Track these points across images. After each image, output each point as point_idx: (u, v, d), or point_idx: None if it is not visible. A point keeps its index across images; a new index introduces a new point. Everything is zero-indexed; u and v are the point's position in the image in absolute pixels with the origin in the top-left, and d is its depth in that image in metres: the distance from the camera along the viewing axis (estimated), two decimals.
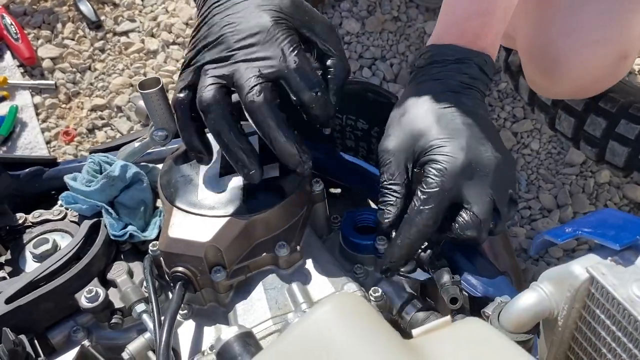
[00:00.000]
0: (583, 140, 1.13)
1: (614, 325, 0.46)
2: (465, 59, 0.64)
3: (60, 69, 1.54)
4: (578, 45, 0.84)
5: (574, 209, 1.32)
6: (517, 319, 0.51)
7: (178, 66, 1.55)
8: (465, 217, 0.59)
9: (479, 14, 0.66)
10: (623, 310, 0.45)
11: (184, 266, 0.62)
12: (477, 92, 0.64)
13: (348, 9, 1.60)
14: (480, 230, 0.59)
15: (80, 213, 0.70)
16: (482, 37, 0.66)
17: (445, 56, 0.65)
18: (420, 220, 0.59)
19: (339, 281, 0.64)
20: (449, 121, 0.61)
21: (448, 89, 0.63)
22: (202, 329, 0.64)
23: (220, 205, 0.64)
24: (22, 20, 1.61)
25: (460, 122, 0.61)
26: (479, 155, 0.60)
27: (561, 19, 0.86)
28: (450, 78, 0.64)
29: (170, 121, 0.70)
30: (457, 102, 0.62)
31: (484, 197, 0.59)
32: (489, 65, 0.65)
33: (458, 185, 0.59)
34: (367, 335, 0.39)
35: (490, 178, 0.59)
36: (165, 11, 1.65)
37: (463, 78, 0.64)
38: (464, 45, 0.65)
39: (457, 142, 0.59)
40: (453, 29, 0.66)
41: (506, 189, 0.61)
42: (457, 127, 0.60)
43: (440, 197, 0.58)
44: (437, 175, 0.58)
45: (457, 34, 0.66)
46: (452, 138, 0.60)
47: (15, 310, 0.60)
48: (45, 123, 1.46)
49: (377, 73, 1.52)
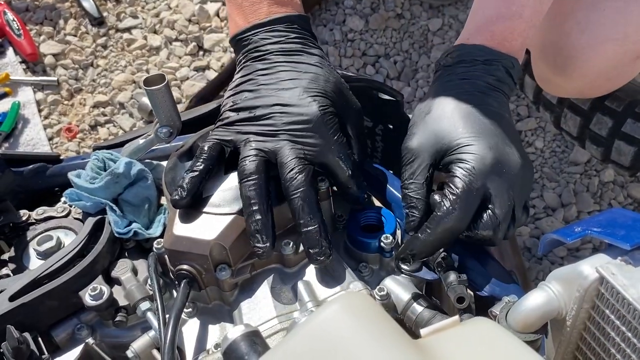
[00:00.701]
0: (589, 139, 1.12)
1: (624, 326, 0.45)
2: (493, 61, 0.64)
3: (63, 66, 1.54)
4: (594, 42, 0.83)
5: (578, 207, 1.32)
6: (525, 319, 0.51)
7: (181, 62, 1.55)
8: (485, 217, 0.58)
9: (508, 16, 0.65)
10: (633, 311, 0.44)
11: (189, 264, 0.61)
12: (502, 94, 0.64)
13: (352, 6, 1.60)
14: (497, 232, 0.58)
15: (84, 210, 0.70)
16: (511, 40, 0.65)
17: (474, 56, 0.64)
18: (448, 222, 0.58)
19: (344, 280, 0.64)
20: (476, 120, 0.61)
21: (475, 89, 0.63)
22: (207, 327, 0.64)
23: (226, 202, 0.63)
24: (25, 17, 1.60)
25: (488, 122, 0.61)
26: (506, 157, 0.59)
27: (577, 16, 0.85)
28: (478, 78, 0.63)
29: (175, 118, 0.70)
30: (484, 102, 0.62)
31: (506, 199, 0.58)
32: (515, 68, 0.65)
33: (485, 185, 0.58)
34: (377, 335, 0.39)
35: (515, 180, 0.59)
36: (167, 8, 1.64)
37: (490, 79, 0.63)
38: (493, 46, 0.65)
39: (485, 141, 0.59)
40: (483, 29, 0.66)
41: (525, 194, 0.61)
42: (483, 127, 0.60)
43: (469, 198, 0.58)
44: (465, 174, 0.58)
45: (486, 35, 0.65)
46: (479, 137, 0.59)
47: (19, 307, 0.60)
48: (48, 119, 1.46)
49: (380, 71, 1.51)
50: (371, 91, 0.86)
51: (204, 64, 1.55)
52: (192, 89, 1.50)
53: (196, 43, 1.57)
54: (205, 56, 1.57)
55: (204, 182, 0.63)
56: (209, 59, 1.56)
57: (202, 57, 1.57)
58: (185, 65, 1.54)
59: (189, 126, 0.77)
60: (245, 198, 0.60)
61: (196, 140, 0.72)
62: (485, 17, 0.67)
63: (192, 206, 0.62)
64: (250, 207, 0.59)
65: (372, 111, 0.88)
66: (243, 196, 0.60)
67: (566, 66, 0.87)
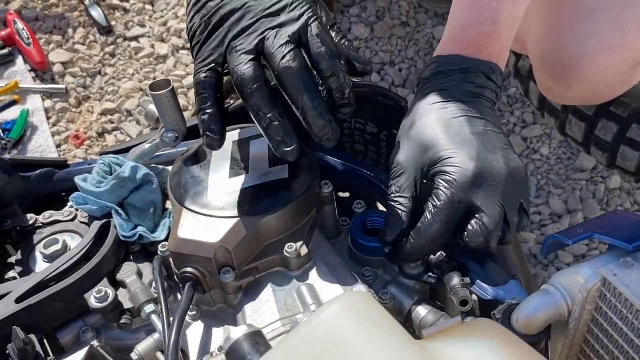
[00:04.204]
0: (594, 144, 1.12)
1: (627, 327, 0.45)
2: (470, 69, 0.64)
3: (71, 74, 1.55)
4: (593, 50, 0.83)
5: (584, 214, 1.31)
6: (528, 321, 0.51)
7: (187, 70, 1.56)
8: (474, 226, 0.58)
9: (480, 23, 0.65)
10: (636, 312, 0.44)
11: (193, 267, 0.62)
12: (485, 100, 0.64)
13: (357, 14, 1.61)
14: (488, 240, 0.58)
15: (90, 214, 0.70)
16: (488, 46, 0.65)
17: (451, 66, 0.65)
18: (429, 233, 0.58)
19: (348, 283, 0.64)
20: (457, 131, 0.60)
21: (454, 98, 0.63)
22: (211, 330, 0.64)
23: (230, 206, 0.64)
24: (34, 26, 1.62)
25: (469, 132, 0.60)
26: (489, 165, 0.59)
27: (574, 26, 0.85)
28: (456, 87, 0.63)
29: (180, 122, 0.70)
30: (464, 110, 0.62)
31: (493, 207, 0.58)
32: (496, 73, 0.65)
33: (468, 196, 0.58)
34: (378, 334, 0.39)
35: (501, 187, 0.59)
36: (175, 16, 1.66)
37: (469, 87, 0.63)
38: (469, 54, 0.65)
39: (466, 151, 0.59)
40: (457, 39, 0.66)
41: (516, 199, 0.60)
42: (465, 137, 0.60)
43: (450, 210, 0.58)
44: (446, 187, 0.58)
45: (461, 44, 0.66)
46: (460, 148, 0.59)
47: (25, 309, 0.60)
48: (56, 127, 1.48)
49: (385, 78, 1.52)
50: (375, 97, 0.86)
51: None
52: None
53: None
54: None
55: (221, 112, 0.60)
56: None
57: None
58: (192, 73, 1.56)
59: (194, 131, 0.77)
60: (255, 109, 0.58)
61: (201, 144, 0.73)
62: (459, 26, 0.67)
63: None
64: (262, 116, 0.57)
65: (377, 117, 0.89)
66: (252, 107, 0.58)
67: (565, 75, 0.87)
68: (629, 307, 0.45)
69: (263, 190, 0.65)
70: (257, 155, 0.69)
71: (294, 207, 0.65)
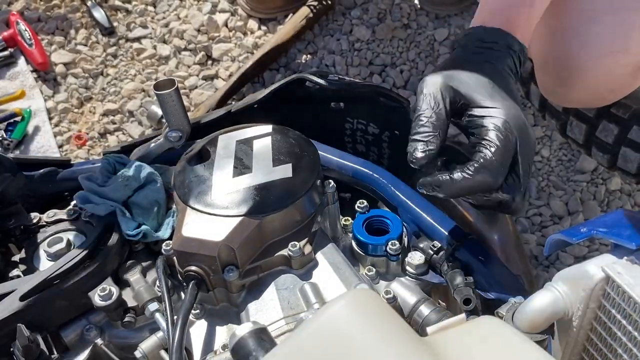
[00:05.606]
0: (595, 146, 1.12)
1: (630, 325, 0.45)
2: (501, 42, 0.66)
3: (73, 74, 1.55)
4: (596, 55, 0.84)
5: (585, 215, 1.31)
6: (532, 320, 0.51)
7: (189, 71, 1.57)
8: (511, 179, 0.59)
9: (517, 4, 0.69)
10: (639, 310, 0.44)
11: (197, 265, 0.62)
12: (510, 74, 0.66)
13: (358, 17, 1.61)
14: (518, 195, 0.59)
15: (94, 212, 0.70)
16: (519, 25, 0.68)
17: (486, 38, 0.67)
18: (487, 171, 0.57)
19: (351, 282, 0.64)
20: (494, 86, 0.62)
21: (485, 60, 0.65)
22: (214, 328, 0.64)
23: (234, 205, 0.64)
24: (36, 27, 1.63)
25: (503, 90, 0.62)
26: (525, 122, 0.61)
27: (578, 29, 0.85)
28: (490, 55, 0.65)
29: (184, 122, 0.71)
30: (497, 72, 0.64)
31: (528, 162, 0.60)
32: (524, 52, 0.68)
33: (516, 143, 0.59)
34: (383, 331, 0.39)
35: (533, 146, 0.61)
36: (177, 18, 1.66)
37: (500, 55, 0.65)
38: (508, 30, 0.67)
39: (509, 103, 0.60)
40: (498, 14, 0.69)
41: (529, 156, 0.61)
42: (501, 94, 0.61)
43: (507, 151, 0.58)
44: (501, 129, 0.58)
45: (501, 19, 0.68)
46: (503, 100, 0.60)
47: (29, 307, 0.61)
48: (58, 127, 1.48)
49: (387, 80, 1.52)
50: (378, 98, 0.87)
51: (212, 73, 1.56)
52: (200, 97, 1.51)
53: (205, 52, 1.58)
54: (214, 65, 1.59)
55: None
56: (217, 68, 1.58)
57: (210, 66, 1.58)
58: (194, 75, 1.56)
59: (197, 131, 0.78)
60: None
61: (204, 144, 0.73)
62: (498, 4, 0.70)
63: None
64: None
65: (379, 118, 0.89)
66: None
67: (568, 79, 0.88)
68: (633, 306, 0.45)
69: (267, 189, 0.65)
70: (260, 155, 0.70)
71: (297, 206, 0.65)
